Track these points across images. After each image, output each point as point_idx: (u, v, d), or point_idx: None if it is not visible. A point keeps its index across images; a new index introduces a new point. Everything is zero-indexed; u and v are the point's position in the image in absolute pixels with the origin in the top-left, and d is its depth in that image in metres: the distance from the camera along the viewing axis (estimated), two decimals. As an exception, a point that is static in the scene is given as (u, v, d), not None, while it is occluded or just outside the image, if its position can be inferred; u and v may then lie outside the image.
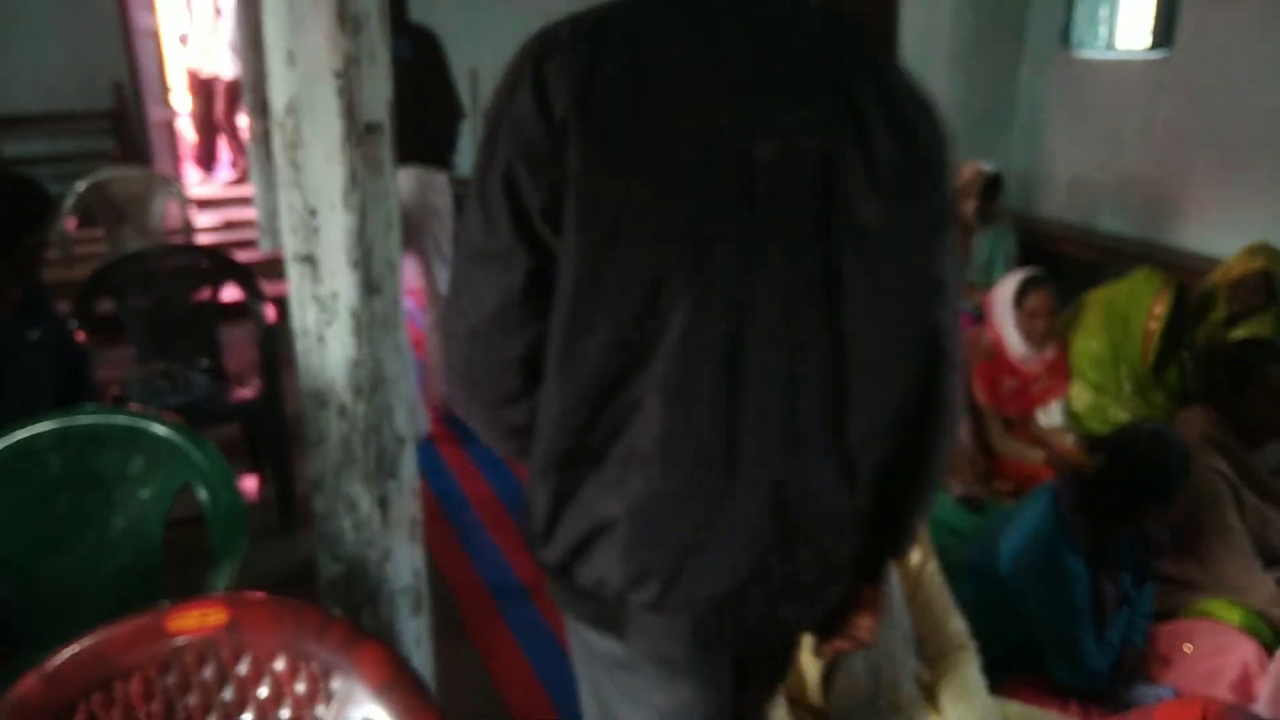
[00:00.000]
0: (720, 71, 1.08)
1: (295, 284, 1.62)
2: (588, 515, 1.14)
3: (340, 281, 1.59)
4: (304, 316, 1.64)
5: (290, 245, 1.60)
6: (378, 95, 1.56)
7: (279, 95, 1.54)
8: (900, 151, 1.10)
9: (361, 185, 1.56)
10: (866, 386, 1.14)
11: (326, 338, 1.63)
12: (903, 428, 1.17)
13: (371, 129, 1.56)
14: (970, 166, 5.00)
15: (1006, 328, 3.45)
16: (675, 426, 1.09)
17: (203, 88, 7.35)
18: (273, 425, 3.24)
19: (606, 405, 1.11)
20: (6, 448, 1.93)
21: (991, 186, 4.94)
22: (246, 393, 3.28)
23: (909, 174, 1.11)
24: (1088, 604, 2.13)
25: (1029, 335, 3.42)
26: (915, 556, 1.99)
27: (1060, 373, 3.57)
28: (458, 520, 3.35)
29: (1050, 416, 3.56)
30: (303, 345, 1.66)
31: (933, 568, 2.02)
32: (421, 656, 1.86)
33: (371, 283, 1.61)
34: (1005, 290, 3.46)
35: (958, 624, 2.02)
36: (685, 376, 1.08)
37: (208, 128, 7.45)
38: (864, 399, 1.14)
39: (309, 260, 1.59)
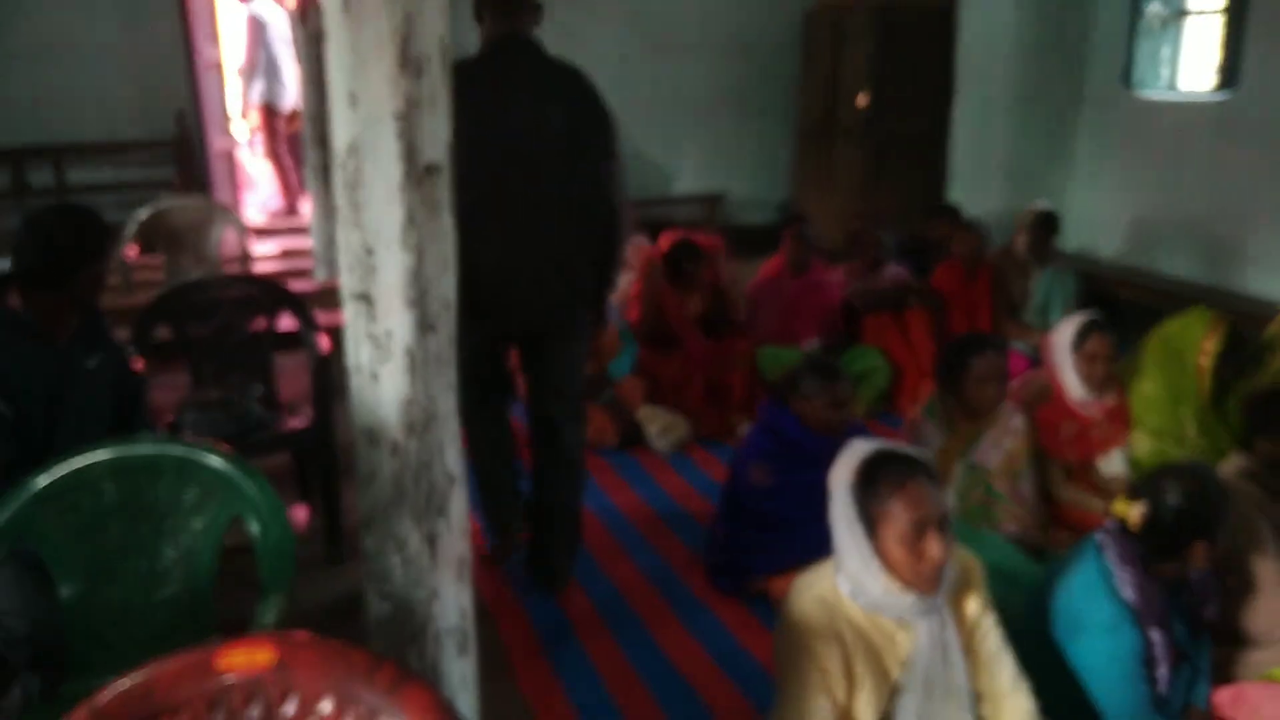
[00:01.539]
0: (519, 91, 2.73)
1: (351, 321, 1.63)
2: (474, 258, 2.17)
3: (396, 320, 1.59)
4: (358, 354, 1.64)
5: (347, 283, 1.61)
6: (438, 137, 1.57)
7: (340, 135, 1.55)
8: (590, 128, 2.78)
9: (419, 225, 1.56)
10: (571, 226, 2.83)
11: (380, 375, 1.62)
12: (596, 239, 2.87)
13: (431, 170, 1.56)
14: (1027, 209, 4.93)
15: (1065, 372, 3.39)
16: (505, 234, 2.74)
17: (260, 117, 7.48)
18: (324, 455, 3.25)
19: (480, 218, 2.41)
20: (63, 476, 1.96)
21: (1045, 224, 4.84)
22: (298, 422, 3.30)
23: (595, 138, 2.78)
24: (1139, 659, 2.07)
25: (1088, 379, 3.35)
26: (972, 606, 1.94)
27: (1121, 420, 3.47)
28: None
29: (1111, 465, 3.46)
30: (356, 382, 1.66)
31: (990, 620, 1.96)
32: (467, 698, 1.84)
33: (427, 321, 1.61)
34: (1064, 334, 3.40)
35: (1015, 679, 1.96)
36: (505, 218, 2.74)
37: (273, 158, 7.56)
38: (566, 229, 2.82)
39: (365, 298, 1.59)
